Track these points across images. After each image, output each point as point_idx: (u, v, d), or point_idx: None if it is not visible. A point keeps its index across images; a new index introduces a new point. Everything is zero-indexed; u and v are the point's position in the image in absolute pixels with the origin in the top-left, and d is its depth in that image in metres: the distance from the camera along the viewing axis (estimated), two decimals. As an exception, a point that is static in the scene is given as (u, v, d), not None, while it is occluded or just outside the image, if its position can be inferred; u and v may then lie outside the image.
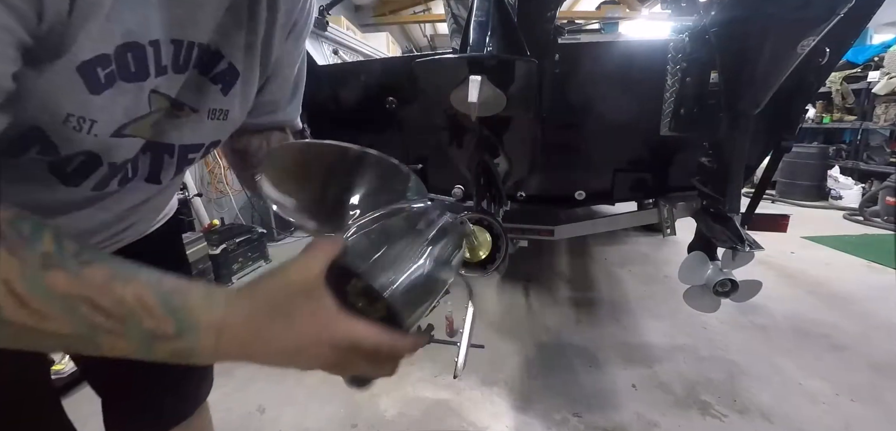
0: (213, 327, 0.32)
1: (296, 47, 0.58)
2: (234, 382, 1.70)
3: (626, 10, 6.38)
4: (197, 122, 0.49)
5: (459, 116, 0.82)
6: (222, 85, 0.49)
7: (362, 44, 3.07)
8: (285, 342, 0.34)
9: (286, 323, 0.33)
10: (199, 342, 0.31)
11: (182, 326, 0.31)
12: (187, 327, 0.31)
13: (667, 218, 1.83)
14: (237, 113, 0.52)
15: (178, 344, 0.31)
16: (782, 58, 1.06)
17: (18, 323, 0.27)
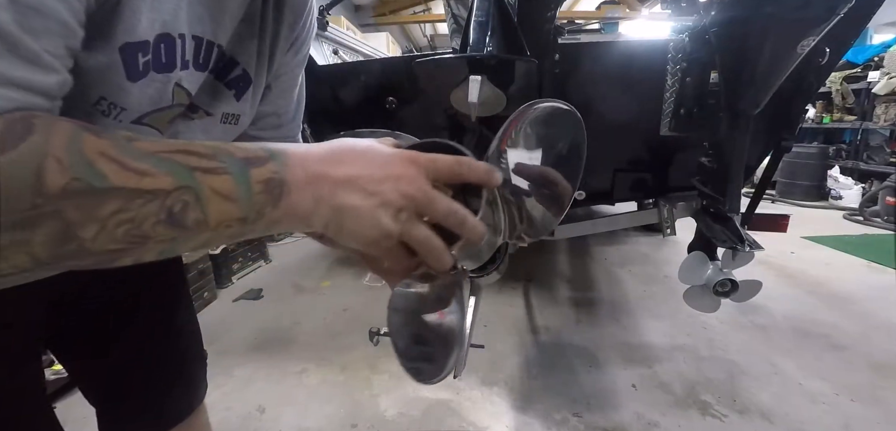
0: (298, 152, 0.34)
1: (296, 60, 0.59)
2: (233, 382, 1.70)
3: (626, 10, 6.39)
4: (210, 125, 0.49)
5: (459, 116, 0.82)
6: (236, 90, 0.49)
7: (362, 44, 3.08)
8: (365, 162, 0.35)
9: (366, 148, 0.36)
10: (287, 165, 0.32)
11: (271, 152, 0.32)
12: (276, 153, 0.32)
13: (667, 218, 1.83)
14: (246, 118, 0.53)
15: (270, 169, 0.32)
16: (782, 58, 1.06)
17: (127, 187, 0.27)
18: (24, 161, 0.25)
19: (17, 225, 0.25)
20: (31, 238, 0.26)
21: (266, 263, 3.06)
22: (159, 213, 0.28)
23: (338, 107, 1.81)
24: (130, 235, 0.28)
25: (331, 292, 2.56)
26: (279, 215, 0.32)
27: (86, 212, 0.27)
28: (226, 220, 0.30)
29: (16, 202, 0.25)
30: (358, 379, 1.71)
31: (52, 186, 0.26)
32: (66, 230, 0.26)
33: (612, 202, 2.43)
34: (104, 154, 0.27)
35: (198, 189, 0.29)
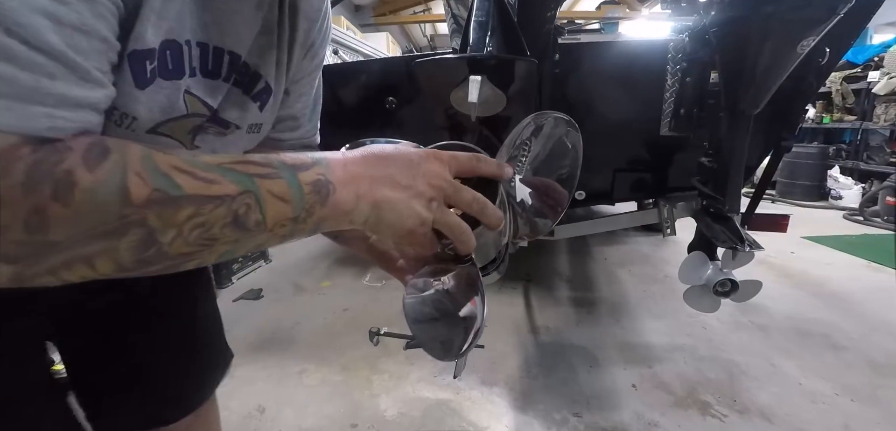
0: (339, 157, 0.38)
1: (313, 64, 0.60)
2: (233, 382, 1.70)
3: (626, 10, 6.39)
4: (239, 137, 0.51)
5: (459, 116, 0.82)
6: (260, 102, 0.51)
7: (362, 44, 3.08)
8: (398, 162, 0.40)
9: (394, 149, 0.41)
10: (330, 168, 0.37)
11: (315, 158, 0.37)
12: (320, 158, 0.37)
13: (667, 218, 1.83)
14: (267, 126, 0.55)
15: (316, 171, 0.36)
16: (782, 58, 1.06)
17: (198, 195, 0.31)
18: (110, 177, 0.28)
19: (107, 234, 0.29)
20: (118, 245, 0.29)
21: (266, 263, 3.06)
22: (226, 216, 0.32)
23: (338, 107, 1.82)
24: (202, 238, 0.32)
25: (331, 292, 2.56)
26: (326, 212, 0.36)
27: (165, 218, 0.30)
28: (281, 220, 0.34)
29: (106, 214, 0.28)
30: (358, 379, 1.71)
31: (137, 197, 0.29)
32: (149, 236, 0.30)
33: (612, 202, 2.43)
34: (176, 167, 0.30)
35: (258, 193, 0.33)
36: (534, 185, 0.49)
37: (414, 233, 0.40)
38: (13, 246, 0.27)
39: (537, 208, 0.49)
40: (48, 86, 0.28)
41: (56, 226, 0.28)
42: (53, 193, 0.27)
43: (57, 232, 0.28)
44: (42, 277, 0.29)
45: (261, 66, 0.49)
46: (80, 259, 0.29)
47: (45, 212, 0.27)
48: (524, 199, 0.48)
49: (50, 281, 0.29)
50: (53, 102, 0.28)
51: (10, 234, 0.27)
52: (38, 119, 0.27)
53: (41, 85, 0.27)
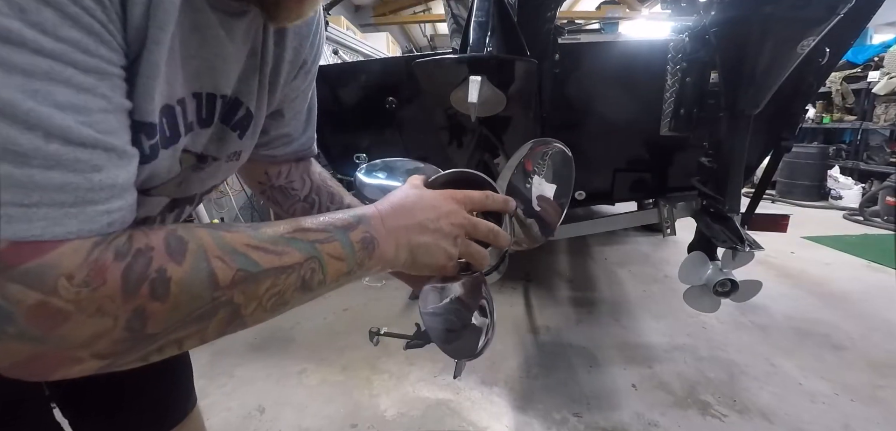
0: (376, 213, 0.43)
1: (306, 81, 0.58)
2: (233, 382, 1.71)
3: (626, 10, 6.39)
4: (217, 168, 0.50)
5: (459, 116, 0.82)
6: (240, 130, 0.49)
7: (362, 44, 3.08)
8: (423, 209, 0.46)
9: (418, 197, 0.47)
10: (372, 225, 0.42)
11: (358, 217, 0.42)
12: (361, 217, 0.42)
13: (667, 218, 1.83)
14: (247, 153, 0.54)
15: (362, 229, 0.41)
16: (782, 58, 1.06)
17: (274, 267, 0.34)
18: (197, 266, 0.30)
19: (199, 318, 0.31)
20: (207, 326, 0.32)
21: (266, 263, 3.06)
22: (297, 282, 0.35)
23: (338, 107, 1.82)
24: (276, 304, 0.35)
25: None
26: (372, 264, 0.42)
27: (249, 294, 0.33)
28: (338, 276, 0.39)
29: (200, 300, 0.30)
30: (358, 379, 1.71)
31: (224, 280, 0.31)
32: (235, 313, 0.33)
33: (612, 202, 2.43)
34: (249, 245, 0.33)
35: (320, 257, 0.37)
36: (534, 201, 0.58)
37: (444, 267, 0.47)
38: (112, 346, 0.29)
39: (534, 220, 0.57)
40: (99, 181, 0.28)
41: (155, 321, 0.29)
42: (151, 292, 0.29)
43: (156, 325, 0.29)
44: (131, 364, 0.30)
45: (242, 93, 0.47)
46: (173, 343, 0.31)
47: (145, 311, 0.29)
48: (524, 212, 0.57)
49: (134, 364, 0.31)
50: (106, 196, 0.28)
51: (112, 335, 0.28)
52: (98, 218, 0.28)
53: (93, 182, 0.27)
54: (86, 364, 0.28)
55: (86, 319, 0.27)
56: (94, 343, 0.28)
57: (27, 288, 0.25)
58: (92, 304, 0.27)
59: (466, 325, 0.50)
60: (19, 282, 0.25)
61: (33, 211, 0.25)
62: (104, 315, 0.27)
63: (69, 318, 0.26)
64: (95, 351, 0.28)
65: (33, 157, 0.25)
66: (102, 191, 0.28)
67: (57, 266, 0.26)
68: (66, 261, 0.26)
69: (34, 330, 0.26)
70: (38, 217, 0.25)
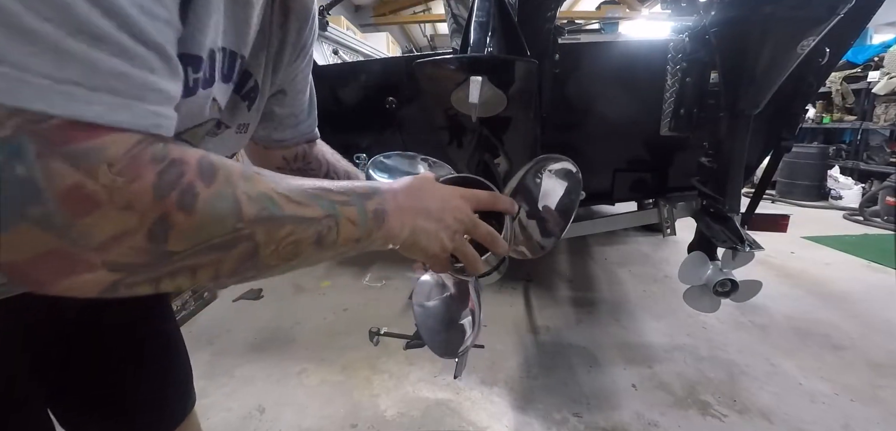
0: (390, 189, 0.45)
1: (305, 62, 0.61)
2: (234, 382, 1.71)
3: (626, 10, 6.39)
4: (228, 137, 0.52)
5: (459, 116, 0.82)
6: (248, 101, 0.51)
7: (362, 44, 3.08)
8: (432, 197, 0.48)
9: (431, 186, 0.49)
10: (386, 198, 0.43)
11: (374, 189, 0.43)
12: (377, 189, 0.44)
13: (667, 218, 1.83)
14: (253, 125, 0.56)
15: (377, 201, 0.42)
16: (782, 58, 1.06)
17: (296, 215, 0.35)
18: (224, 193, 0.30)
19: (219, 247, 0.31)
20: (225, 257, 0.31)
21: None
22: (313, 236, 0.36)
23: (338, 107, 1.82)
24: (291, 254, 0.35)
25: (331, 292, 2.56)
26: (380, 236, 0.43)
27: (269, 235, 0.33)
28: (349, 240, 0.40)
29: (222, 227, 0.30)
30: (358, 379, 1.71)
31: (248, 214, 0.31)
32: (253, 250, 0.32)
33: (612, 202, 2.43)
34: (275, 190, 0.34)
35: (338, 216, 0.38)
36: (537, 212, 0.60)
37: (436, 257, 0.48)
38: (129, 254, 0.27)
39: (537, 228, 0.60)
40: (153, 82, 0.28)
41: (177, 236, 0.28)
42: (179, 202, 0.28)
43: (177, 242, 0.29)
44: (140, 287, 0.29)
45: (252, 66, 0.50)
46: (187, 269, 0.30)
47: (170, 220, 0.28)
48: (528, 226, 0.60)
49: (144, 290, 0.30)
50: (157, 99, 0.28)
51: (131, 240, 0.27)
52: (147, 116, 0.27)
53: (147, 81, 0.27)
54: (96, 275, 0.27)
55: (114, 212, 0.26)
56: (113, 245, 0.27)
57: (70, 167, 0.24)
58: (123, 196, 0.26)
59: (453, 324, 0.53)
60: (64, 160, 0.24)
61: (94, 94, 0.25)
62: (131, 211, 0.27)
63: (99, 206, 0.26)
64: (111, 257, 0.27)
65: (104, 42, 0.25)
66: (153, 92, 0.28)
67: (103, 151, 0.25)
68: (112, 149, 0.26)
69: (61, 213, 0.25)
70: (96, 101, 0.25)
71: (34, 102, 0.23)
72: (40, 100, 0.23)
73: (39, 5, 0.23)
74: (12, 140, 0.23)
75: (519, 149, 1.17)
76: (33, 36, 0.23)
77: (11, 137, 0.23)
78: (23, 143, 0.23)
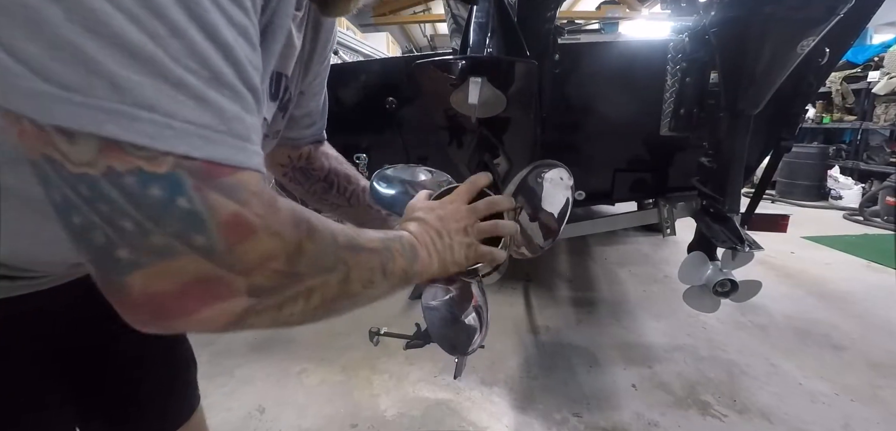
0: (412, 229, 0.51)
1: (323, 66, 0.64)
2: (233, 382, 1.71)
3: (626, 10, 6.39)
4: (266, 145, 0.54)
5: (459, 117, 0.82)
6: (284, 111, 0.54)
7: (362, 44, 3.08)
8: (439, 219, 0.53)
9: (440, 211, 0.54)
10: (416, 238, 0.49)
11: (401, 234, 0.48)
12: (402, 234, 0.48)
13: (667, 218, 1.83)
14: (283, 130, 0.59)
15: (407, 238, 0.48)
16: (782, 58, 1.06)
17: (367, 247, 0.40)
18: (326, 227, 0.36)
19: (326, 269, 0.36)
20: (330, 279, 0.36)
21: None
22: (379, 265, 0.41)
23: (338, 107, 1.81)
24: (367, 281, 0.40)
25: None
26: (416, 269, 0.47)
27: (356, 259, 0.38)
28: (399, 272, 0.44)
29: (329, 251, 0.36)
30: (358, 379, 1.71)
31: (341, 241, 0.37)
32: (347, 275, 0.37)
33: (612, 202, 2.43)
34: (345, 229, 0.38)
35: (391, 249, 0.44)
36: (535, 213, 0.65)
37: (466, 257, 0.54)
38: (270, 277, 0.31)
39: (536, 229, 0.64)
40: (253, 123, 0.30)
41: (306, 259, 0.33)
42: (308, 233, 0.33)
43: (305, 263, 0.33)
44: (263, 316, 0.32)
45: (286, 72, 0.51)
46: (303, 293, 0.34)
47: (302, 246, 0.32)
48: (527, 228, 0.64)
49: (264, 322, 0.33)
50: (256, 139, 0.30)
51: (274, 264, 0.31)
52: (254, 157, 0.29)
53: (252, 123, 0.30)
54: (234, 302, 0.29)
55: (266, 237, 0.29)
56: (260, 267, 0.29)
57: (228, 199, 0.27)
58: (272, 224, 0.29)
59: (459, 321, 0.57)
60: (220, 193, 0.26)
61: (223, 136, 0.27)
62: (277, 238, 0.30)
63: (254, 232, 0.28)
64: (255, 280, 0.30)
65: (229, 89, 0.27)
66: (255, 132, 0.30)
67: (246, 186, 0.28)
68: (252, 185, 0.28)
69: (223, 240, 0.27)
70: (223, 142, 0.27)
71: (178, 145, 0.25)
72: (184, 143, 0.25)
73: (185, 58, 0.25)
74: (171, 176, 0.25)
75: (519, 149, 1.17)
76: (180, 86, 0.25)
77: (170, 174, 0.25)
78: (181, 178, 0.25)
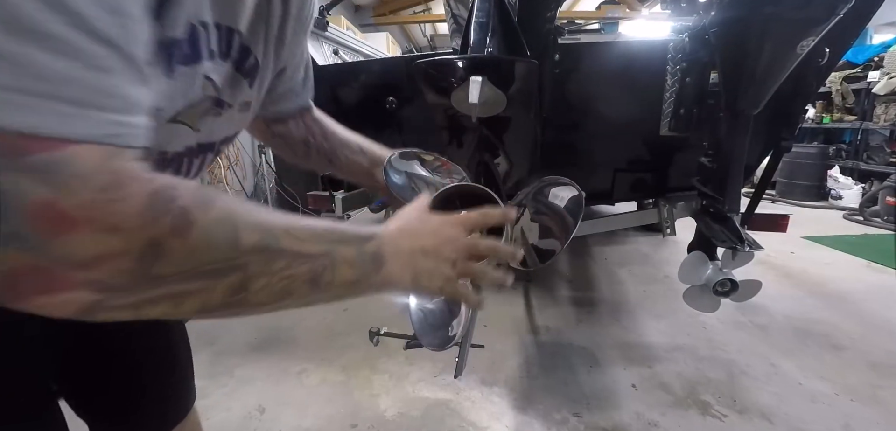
0: (387, 235, 0.44)
1: (304, 37, 0.62)
2: (234, 382, 1.71)
3: (626, 10, 6.39)
4: (231, 116, 0.51)
5: (460, 116, 0.82)
6: (249, 79, 0.51)
7: (362, 44, 3.07)
8: (428, 234, 0.47)
9: (424, 221, 0.49)
10: (384, 242, 0.43)
11: (373, 233, 0.43)
12: (375, 234, 0.43)
13: (667, 218, 1.83)
14: (256, 104, 0.56)
15: (375, 244, 0.42)
16: (782, 58, 1.06)
17: (292, 250, 0.34)
18: (223, 219, 0.29)
19: (210, 274, 0.29)
20: (215, 286, 0.29)
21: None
22: (307, 274, 0.35)
23: (338, 107, 1.82)
24: (283, 291, 0.33)
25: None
26: (379, 279, 0.42)
27: (264, 266, 0.32)
28: (345, 282, 0.38)
29: (216, 254, 0.29)
30: (358, 379, 1.71)
31: (247, 243, 0.30)
32: (244, 282, 0.31)
33: (612, 202, 2.43)
34: (274, 224, 0.33)
35: (334, 257, 0.37)
36: (541, 227, 0.64)
37: (443, 289, 0.48)
38: (117, 276, 0.25)
39: (540, 241, 0.64)
40: (112, 87, 0.25)
41: (168, 261, 0.27)
42: (173, 228, 0.26)
43: (167, 266, 0.27)
44: (119, 311, 0.27)
45: (251, 42, 0.48)
46: (172, 296, 0.28)
47: (162, 245, 0.26)
48: (531, 240, 0.64)
49: (123, 315, 0.27)
50: (119, 107, 0.25)
51: (119, 263, 0.25)
52: (106, 126, 0.24)
53: (106, 85, 0.24)
54: (75, 294, 0.25)
55: (95, 234, 0.24)
56: (95, 266, 0.24)
57: (34, 182, 0.22)
58: (106, 217, 0.24)
59: (441, 328, 0.58)
60: (25, 174, 0.21)
61: (43, 102, 0.22)
62: (116, 234, 0.24)
63: (75, 227, 0.23)
64: (93, 277, 0.25)
65: (50, 40, 0.22)
66: (114, 98, 0.25)
67: (70, 164, 0.22)
68: (80, 162, 0.23)
69: (32, 232, 0.22)
70: (46, 110, 0.22)
71: None
72: None
73: None
74: None
75: (519, 149, 1.17)
76: None
77: None
78: None
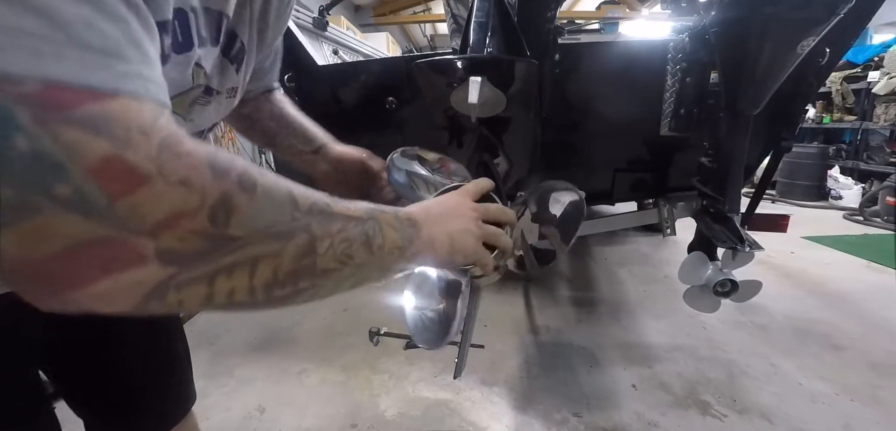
0: (416, 206, 0.48)
1: (284, 20, 0.61)
2: (234, 382, 1.71)
3: (626, 10, 6.39)
4: (219, 103, 0.51)
5: (459, 117, 0.82)
6: (236, 64, 0.50)
7: (362, 44, 3.08)
8: (448, 205, 0.51)
9: (442, 200, 0.52)
10: (416, 213, 0.45)
11: (409, 212, 0.44)
12: (409, 214, 0.44)
13: (667, 218, 1.83)
14: (241, 90, 0.56)
15: (407, 211, 0.44)
16: (782, 58, 1.06)
17: (343, 213, 0.34)
18: (278, 181, 0.29)
19: (279, 235, 0.28)
20: (284, 248, 0.29)
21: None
22: (361, 236, 0.35)
23: (338, 107, 1.81)
24: (343, 255, 0.33)
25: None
26: (420, 245, 0.43)
27: (324, 226, 0.32)
28: (394, 246, 0.39)
29: (281, 212, 0.28)
30: (358, 379, 1.71)
31: (303, 203, 0.30)
32: (310, 243, 0.30)
33: (612, 202, 2.43)
34: (318, 193, 0.33)
35: (378, 219, 0.38)
36: (543, 230, 0.65)
37: (476, 250, 0.50)
38: (186, 239, 0.23)
39: (541, 249, 0.65)
40: (131, 34, 0.23)
41: (239, 220, 0.25)
42: (240, 183, 0.25)
43: (238, 227, 0.25)
44: (193, 288, 0.24)
45: (237, 26, 0.48)
46: (246, 261, 0.26)
47: (233, 201, 0.24)
48: (532, 243, 0.65)
49: (197, 294, 0.25)
50: (137, 56, 0.23)
51: (191, 223, 0.23)
52: (133, 79, 0.22)
53: (124, 33, 0.22)
54: (146, 271, 0.22)
55: (168, 187, 0.21)
56: (169, 227, 0.22)
57: (94, 135, 0.19)
58: (176, 170, 0.22)
59: (438, 328, 0.59)
60: (80, 127, 0.19)
61: (68, 50, 0.19)
62: (190, 188, 0.22)
63: (147, 182, 0.20)
64: (166, 243, 0.22)
65: None
66: (130, 46, 0.22)
67: (127, 117, 0.20)
68: (136, 117, 0.21)
69: (99, 191, 0.19)
70: (78, 59, 0.19)
71: None
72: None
73: None
74: None
75: (519, 149, 1.17)
76: None
77: None
78: (7, 108, 0.17)
